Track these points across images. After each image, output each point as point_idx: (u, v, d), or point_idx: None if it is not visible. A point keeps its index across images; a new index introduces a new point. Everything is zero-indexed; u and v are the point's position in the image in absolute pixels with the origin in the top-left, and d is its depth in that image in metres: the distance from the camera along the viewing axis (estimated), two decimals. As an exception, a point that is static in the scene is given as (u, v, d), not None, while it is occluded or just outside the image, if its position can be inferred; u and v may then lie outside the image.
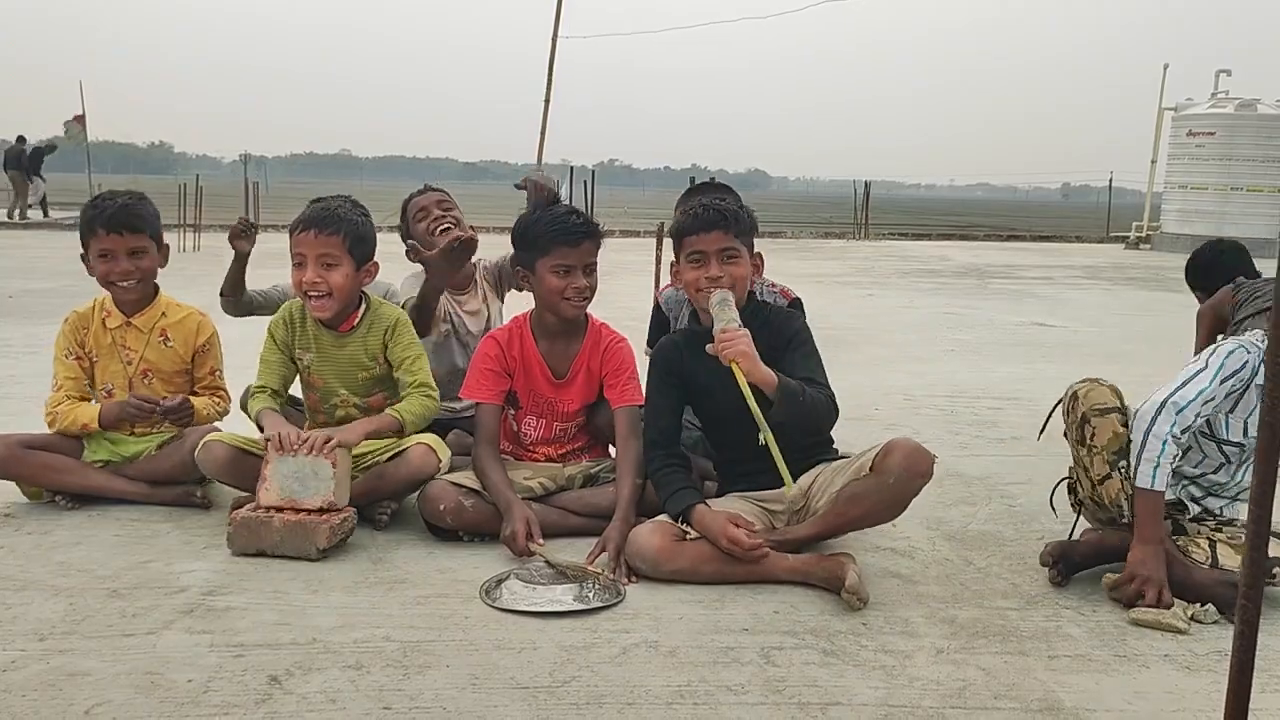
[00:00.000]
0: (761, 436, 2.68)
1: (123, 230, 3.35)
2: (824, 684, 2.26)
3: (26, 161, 21.63)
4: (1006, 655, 2.42)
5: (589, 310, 3.34)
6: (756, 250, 3.10)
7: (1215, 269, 4.84)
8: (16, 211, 21.28)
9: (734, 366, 2.72)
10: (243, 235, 3.79)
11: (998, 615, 2.66)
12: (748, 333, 2.77)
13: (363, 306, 3.36)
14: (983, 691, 2.24)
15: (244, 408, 3.55)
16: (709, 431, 3.25)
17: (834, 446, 3.15)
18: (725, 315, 2.83)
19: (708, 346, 2.80)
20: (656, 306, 3.88)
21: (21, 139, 22.36)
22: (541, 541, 2.95)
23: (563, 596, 2.63)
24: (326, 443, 2.99)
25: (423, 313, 3.55)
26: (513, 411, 3.36)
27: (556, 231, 3.16)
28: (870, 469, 2.82)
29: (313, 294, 3.22)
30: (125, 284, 3.39)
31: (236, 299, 3.87)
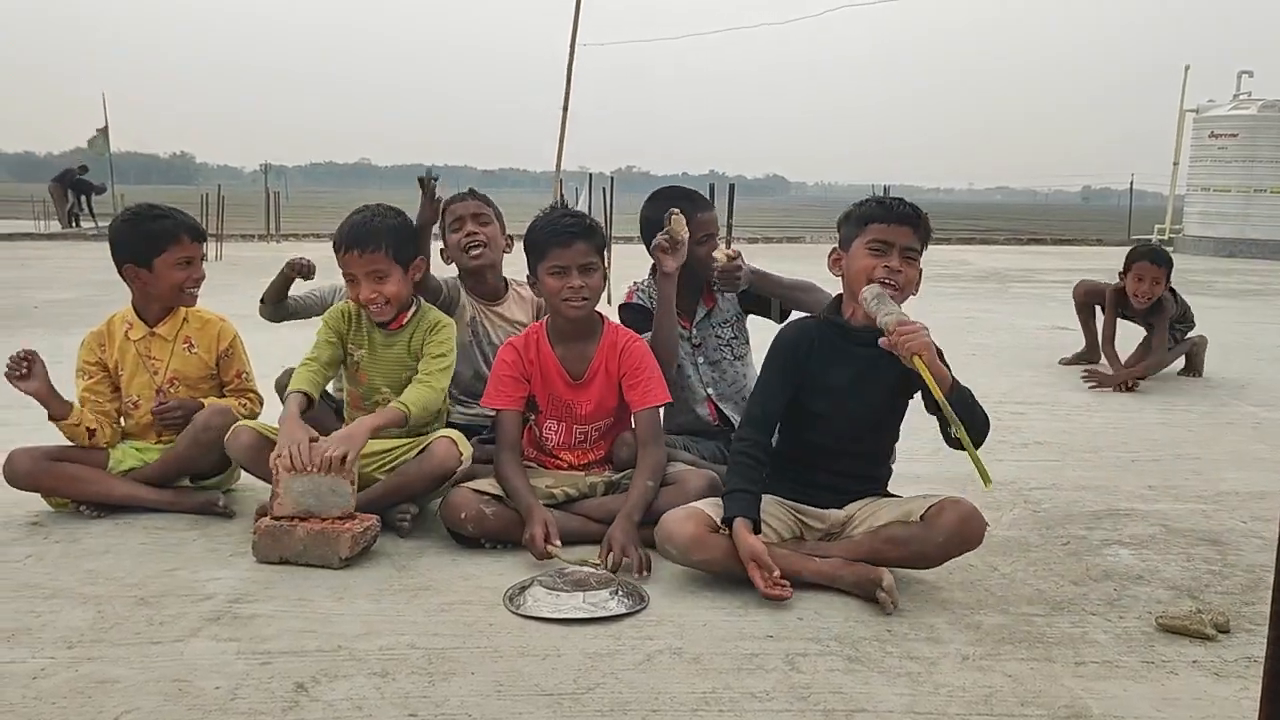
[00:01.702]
0: (953, 431, 2.65)
1: (201, 240, 3.53)
2: (849, 691, 2.25)
3: (71, 180, 22.49)
4: (1033, 662, 2.41)
5: (603, 313, 3.36)
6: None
7: None
8: (62, 220, 22.34)
9: (916, 360, 2.65)
10: (300, 269, 3.84)
11: (1023, 621, 2.64)
12: (927, 325, 2.70)
13: (414, 308, 3.41)
14: (1009, 698, 2.23)
15: (278, 389, 3.62)
16: (796, 424, 3.04)
17: (887, 484, 3.09)
18: (891, 307, 2.73)
19: (880, 340, 2.71)
20: (628, 308, 3.68)
21: (84, 168, 23.60)
22: (559, 543, 2.96)
23: (586, 604, 2.63)
24: (343, 460, 2.97)
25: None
26: (533, 416, 3.38)
27: (549, 234, 3.20)
28: (920, 518, 2.77)
29: (373, 306, 3.30)
30: (195, 290, 3.51)
31: (275, 305, 3.95)
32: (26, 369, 3.26)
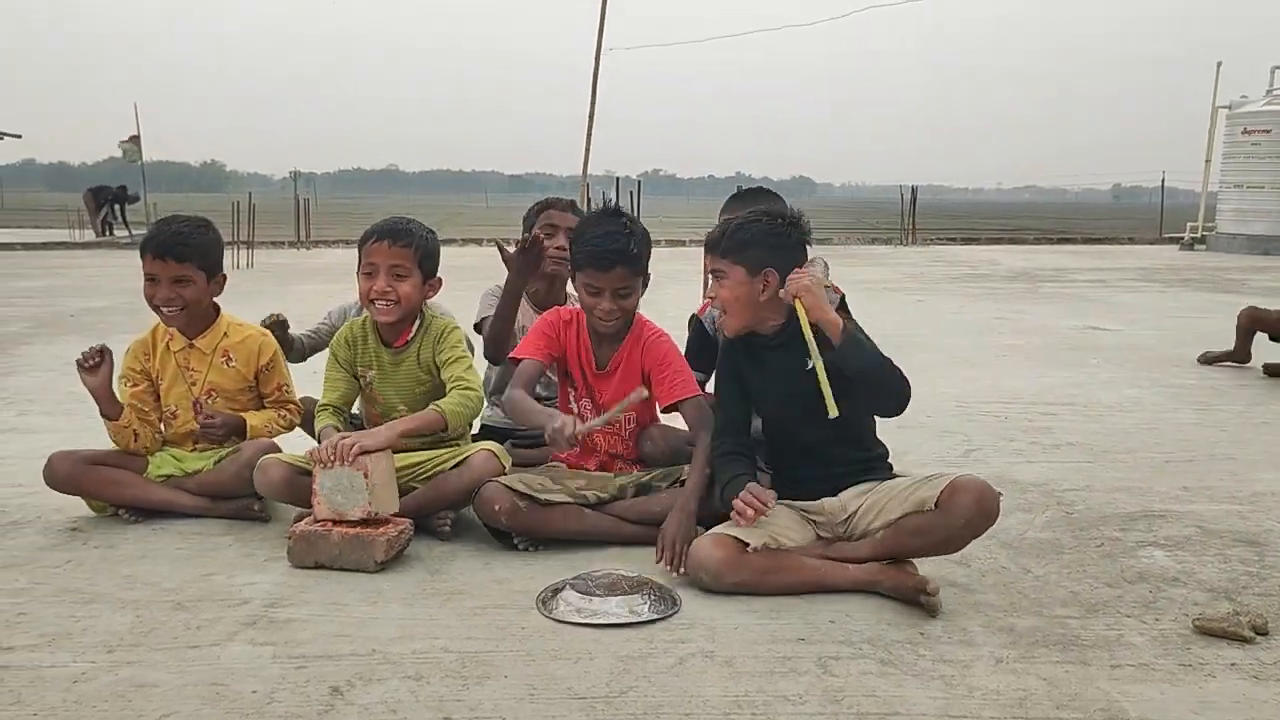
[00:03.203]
0: (810, 362, 2.75)
1: (166, 257, 3.41)
2: (882, 694, 2.25)
3: (108, 195, 23.13)
4: (1068, 665, 2.39)
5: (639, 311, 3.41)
6: (768, 269, 2.94)
7: None
8: (96, 229, 22.89)
9: (796, 302, 2.74)
10: (274, 327, 3.73)
11: (1058, 624, 2.62)
12: (820, 274, 2.79)
13: (417, 321, 3.42)
14: (1044, 701, 2.22)
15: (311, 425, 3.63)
16: (768, 433, 3.17)
17: (889, 462, 3.09)
18: (815, 270, 2.87)
19: (780, 292, 2.84)
20: (699, 327, 3.73)
21: (123, 188, 23.83)
22: (584, 426, 3.06)
23: (618, 609, 2.64)
24: (352, 448, 3.01)
25: (503, 320, 3.64)
26: (572, 392, 3.45)
27: (590, 255, 3.21)
28: (935, 506, 2.76)
29: (380, 302, 3.29)
30: (166, 310, 3.46)
31: (288, 356, 3.88)
32: (97, 361, 3.30)
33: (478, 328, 3.87)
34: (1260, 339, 6.53)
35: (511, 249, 3.70)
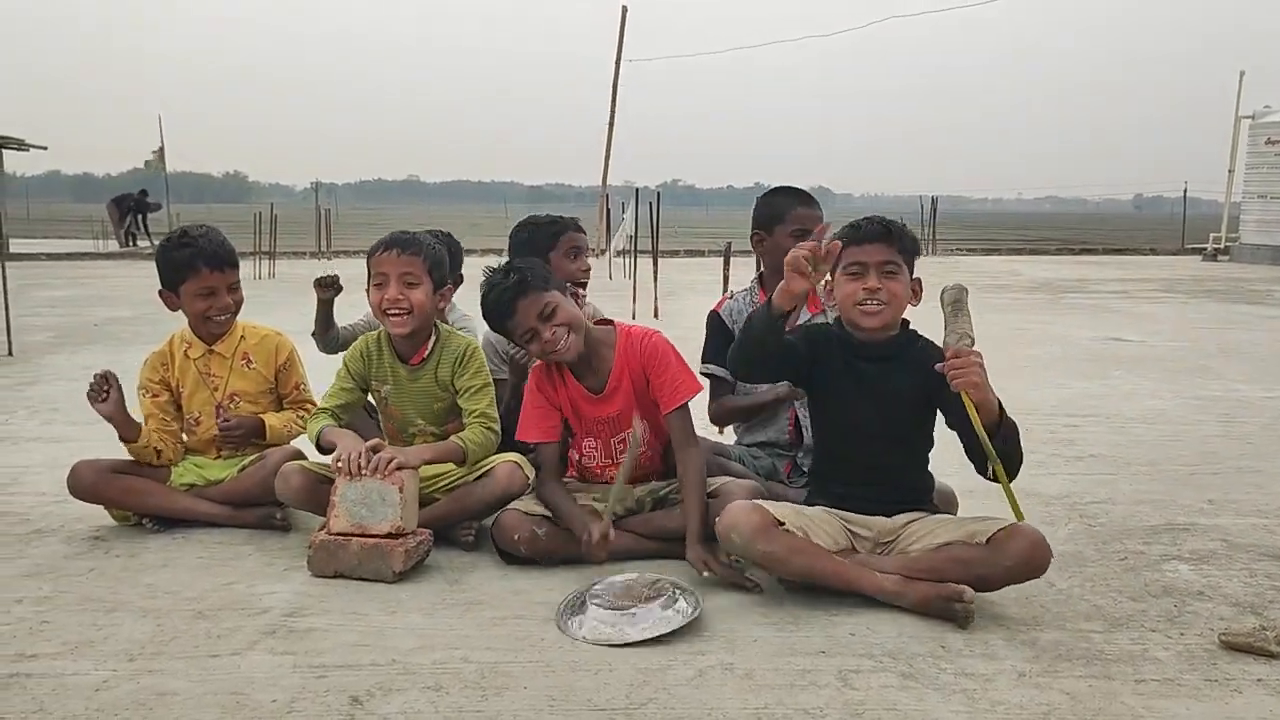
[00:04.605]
0: (990, 467, 2.69)
1: (224, 267, 3.48)
2: (904, 708, 2.23)
3: (129, 202, 23.33)
4: (1091, 679, 2.37)
5: (615, 319, 3.35)
6: (916, 275, 2.99)
7: None
8: (119, 240, 23.17)
9: (964, 395, 2.65)
10: (327, 287, 3.98)
11: (1081, 638, 2.60)
12: (981, 357, 2.66)
13: (433, 338, 3.40)
14: (1068, 716, 2.20)
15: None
16: (821, 436, 3.11)
17: (931, 496, 3.07)
18: (959, 327, 2.70)
19: (937, 366, 2.70)
20: (717, 321, 3.67)
21: (144, 192, 24.06)
22: (612, 536, 3.01)
23: (644, 618, 2.62)
24: (390, 463, 3.02)
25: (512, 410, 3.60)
26: (571, 439, 3.37)
27: (490, 319, 3.16)
28: (986, 541, 2.73)
29: (393, 312, 3.27)
30: (223, 318, 3.50)
31: (325, 337, 4.08)
32: (106, 392, 3.31)
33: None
34: None
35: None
